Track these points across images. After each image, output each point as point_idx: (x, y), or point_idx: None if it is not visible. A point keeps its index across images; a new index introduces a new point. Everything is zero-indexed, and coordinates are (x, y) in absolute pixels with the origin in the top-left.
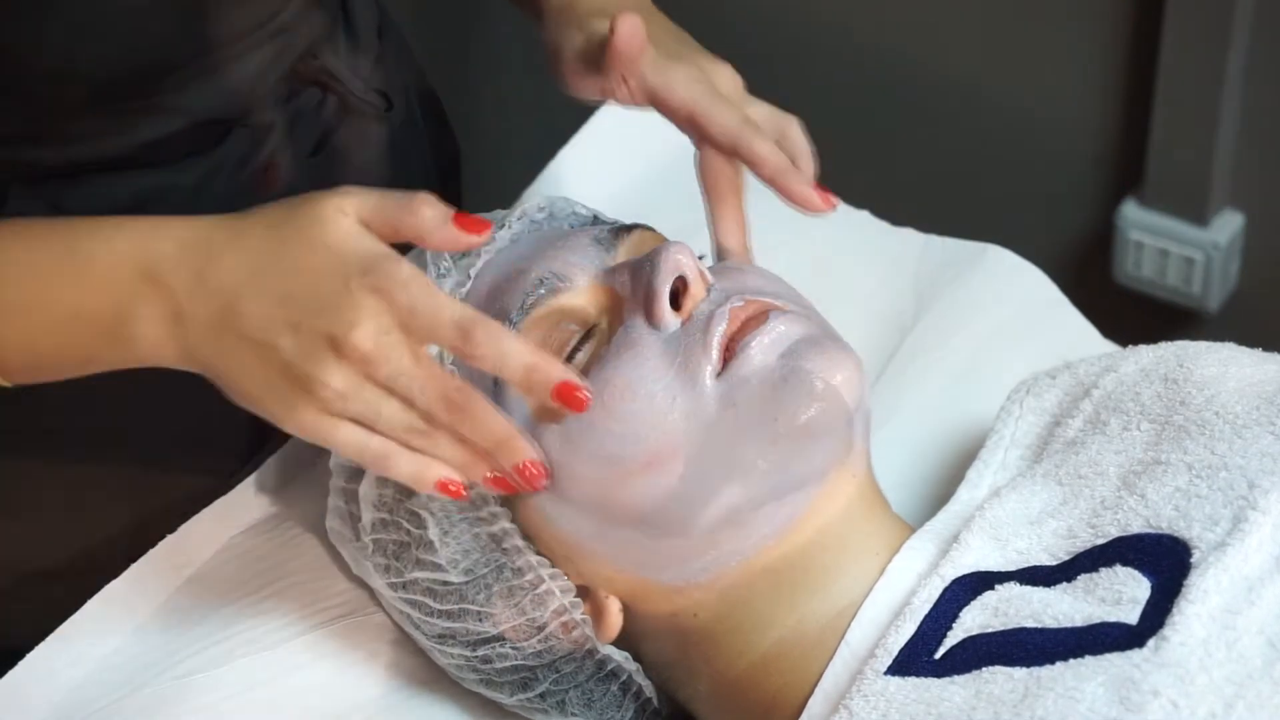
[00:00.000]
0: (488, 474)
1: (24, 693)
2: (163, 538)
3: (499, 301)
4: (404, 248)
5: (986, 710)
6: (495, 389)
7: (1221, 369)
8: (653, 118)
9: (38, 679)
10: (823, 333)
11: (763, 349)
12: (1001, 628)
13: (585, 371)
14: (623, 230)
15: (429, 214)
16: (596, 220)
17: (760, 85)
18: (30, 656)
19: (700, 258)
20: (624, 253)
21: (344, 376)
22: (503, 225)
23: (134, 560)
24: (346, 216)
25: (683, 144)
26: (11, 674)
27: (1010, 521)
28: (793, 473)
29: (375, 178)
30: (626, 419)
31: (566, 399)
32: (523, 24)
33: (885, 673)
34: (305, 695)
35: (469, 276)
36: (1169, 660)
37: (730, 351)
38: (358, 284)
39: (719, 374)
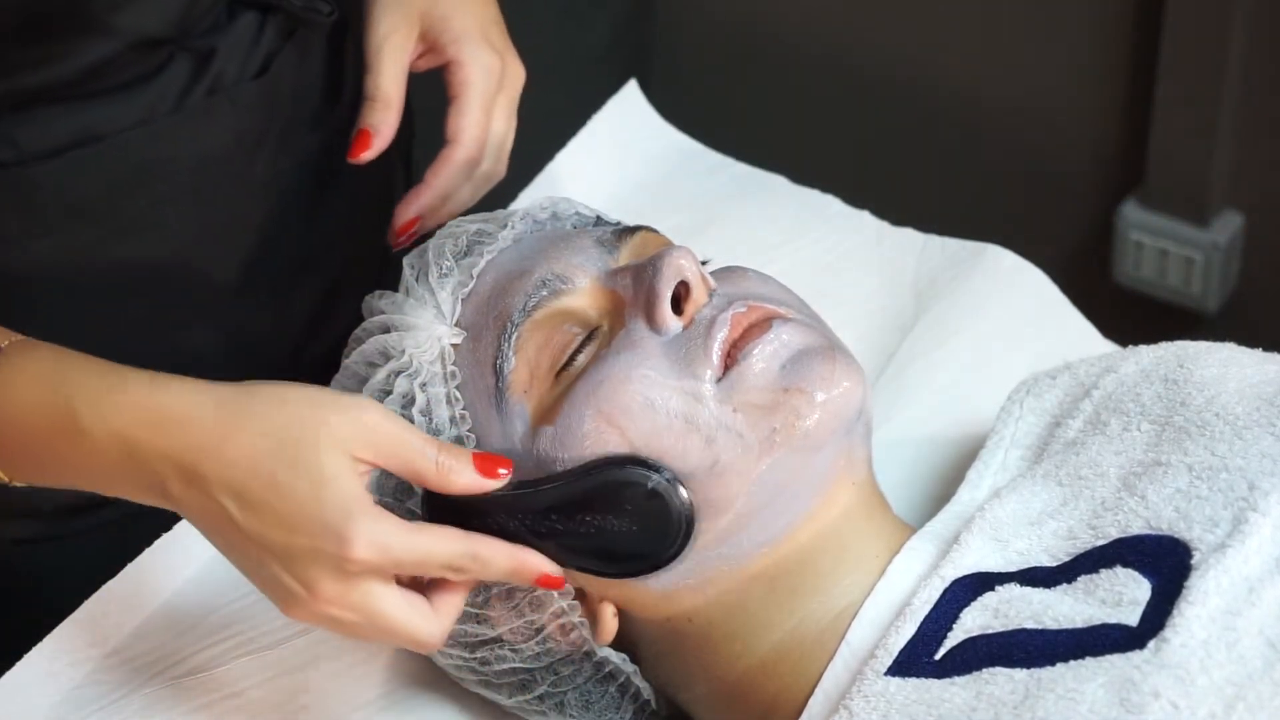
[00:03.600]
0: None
1: (24, 693)
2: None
3: (501, 302)
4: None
5: (987, 711)
6: (497, 393)
7: (1222, 370)
8: (652, 119)
9: (38, 679)
10: (826, 342)
11: (764, 357)
12: (1002, 629)
13: (586, 374)
14: (626, 231)
15: (445, 461)
16: (599, 221)
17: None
18: (30, 656)
19: (703, 263)
20: (627, 254)
21: (309, 616)
22: (505, 225)
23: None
24: (347, 465)
25: (682, 145)
26: (11, 674)
27: (1010, 522)
28: (790, 483)
29: (321, 97)
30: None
31: (546, 585)
32: (521, 25)
33: (885, 673)
34: (305, 695)
35: (471, 277)
36: (1169, 662)
37: (732, 358)
38: (329, 549)
39: (719, 379)
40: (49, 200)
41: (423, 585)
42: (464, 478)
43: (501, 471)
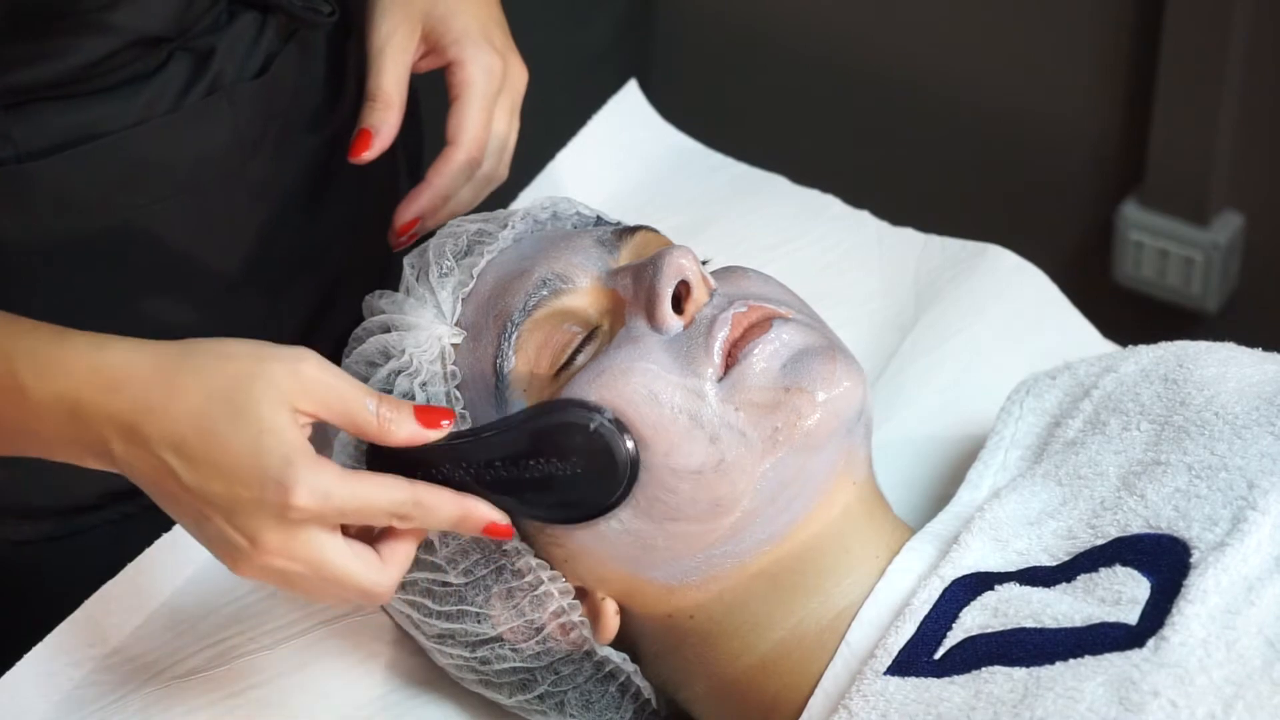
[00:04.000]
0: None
1: (24, 693)
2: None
3: (501, 302)
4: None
5: (986, 710)
6: (498, 393)
7: (1221, 369)
8: (652, 119)
9: (38, 679)
10: (826, 342)
11: (765, 357)
12: (1001, 628)
13: (585, 367)
14: (626, 231)
15: (386, 413)
16: (600, 221)
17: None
18: (30, 656)
19: (704, 262)
20: (627, 254)
21: (255, 570)
22: (506, 225)
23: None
24: (286, 415)
25: (682, 145)
26: (11, 674)
27: (1010, 522)
28: (791, 482)
29: (322, 99)
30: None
31: (494, 534)
32: (521, 25)
33: (885, 673)
34: (305, 695)
35: (472, 276)
36: (1168, 660)
37: (732, 358)
38: (270, 498)
39: (720, 379)
40: (46, 197)
41: (371, 538)
42: (404, 429)
43: (444, 423)
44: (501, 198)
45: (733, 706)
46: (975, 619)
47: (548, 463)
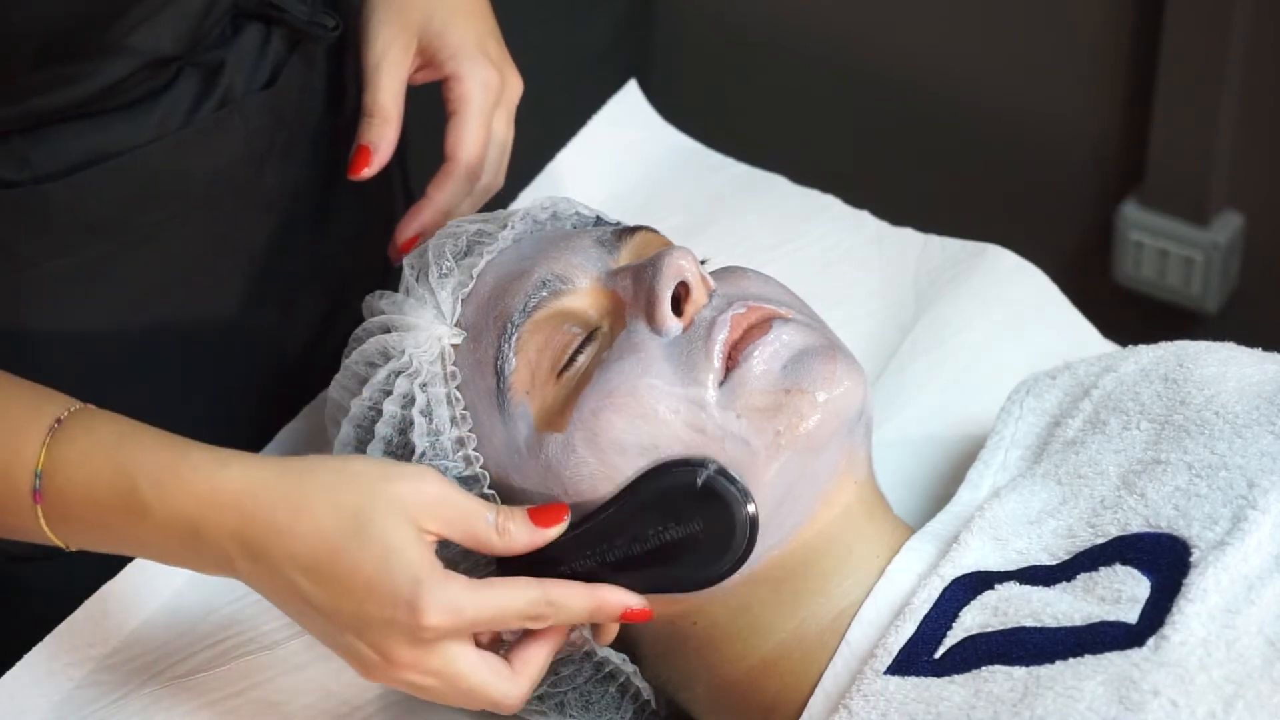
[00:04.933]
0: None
1: (24, 693)
2: None
3: (501, 302)
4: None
5: (986, 709)
6: (498, 394)
7: (1221, 369)
8: (652, 119)
9: (38, 679)
10: (826, 342)
11: (765, 359)
12: (1001, 627)
13: (587, 374)
14: (626, 232)
15: (504, 523)
16: (599, 221)
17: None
18: (30, 656)
19: (702, 262)
20: (627, 254)
21: (388, 681)
22: (505, 225)
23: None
24: (413, 534)
25: (682, 145)
26: (11, 674)
27: (1010, 521)
28: (796, 485)
29: (325, 109)
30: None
31: (633, 619)
32: (521, 25)
33: (885, 672)
34: (305, 695)
35: (471, 277)
36: (1169, 659)
37: (733, 360)
38: (402, 619)
39: (721, 384)
40: (63, 218)
41: (505, 643)
42: (523, 536)
43: (561, 520)
44: (502, 198)
45: (733, 707)
46: (975, 618)
47: (665, 529)
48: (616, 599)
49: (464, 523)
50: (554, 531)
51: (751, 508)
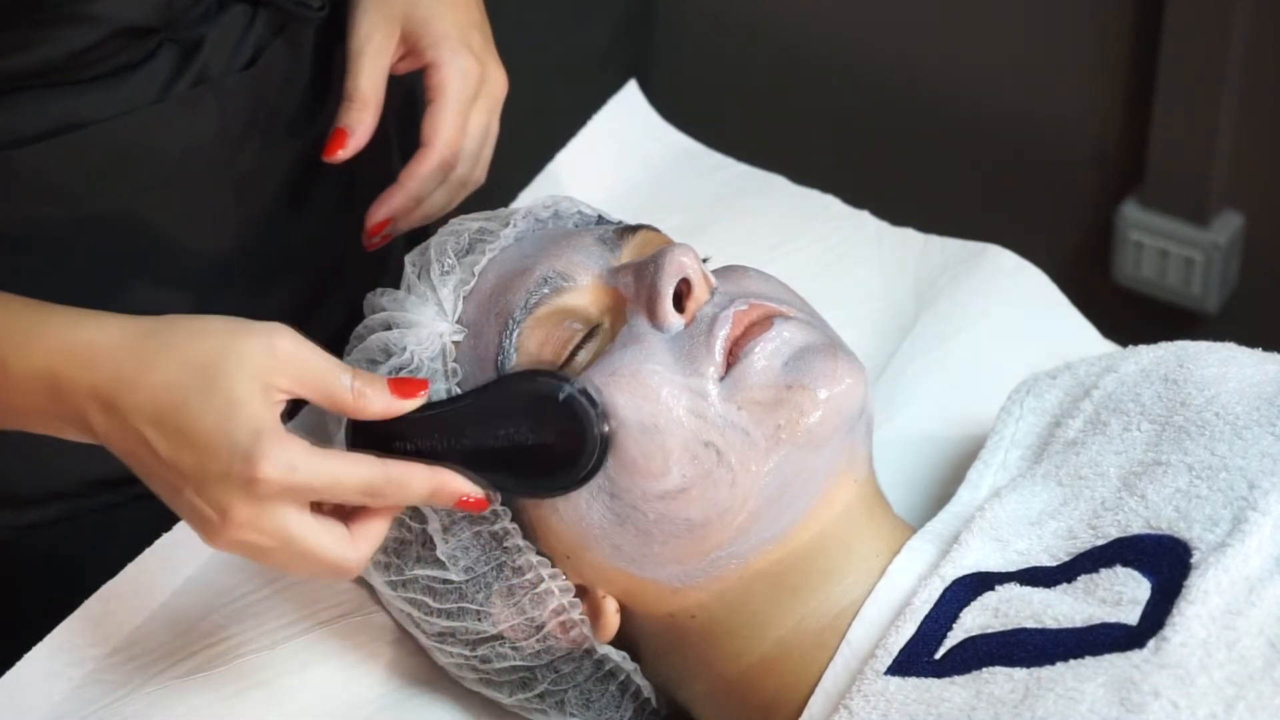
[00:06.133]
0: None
1: (24, 693)
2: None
3: (502, 299)
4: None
5: (986, 710)
6: (498, 367)
7: (1221, 369)
8: (652, 119)
9: (38, 679)
10: (828, 340)
11: (766, 355)
12: (1002, 628)
13: (592, 367)
14: (627, 230)
15: (360, 386)
16: (601, 220)
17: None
18: (30, 656)
19: (704, 260)
20: (628, 253)
21: (227, 544)
22: (507, 223)
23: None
24: (259, 390)
25: (682, 145)
26: (11, 674)
27: (1010, 522)
28: (795, 480)
29: (309, 96)
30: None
31: (468, 507)
32: (521, 25)
33: (885, 673)
34: (305, 695)
35: (473, 274)
36: (1169, 661)
37: (734, 355)
38: (238, 471)
39: (722, 377)
40: (27, 185)
41: (346, 516)
42: (379, 401)
43: (420, 393)
44: (502, 197)
45: (732, 706)
46: (976, 619)
47: (518, 430)
48: (456, 484)
49: (317, 380)
50: (410, 404)
51: (606, 427)
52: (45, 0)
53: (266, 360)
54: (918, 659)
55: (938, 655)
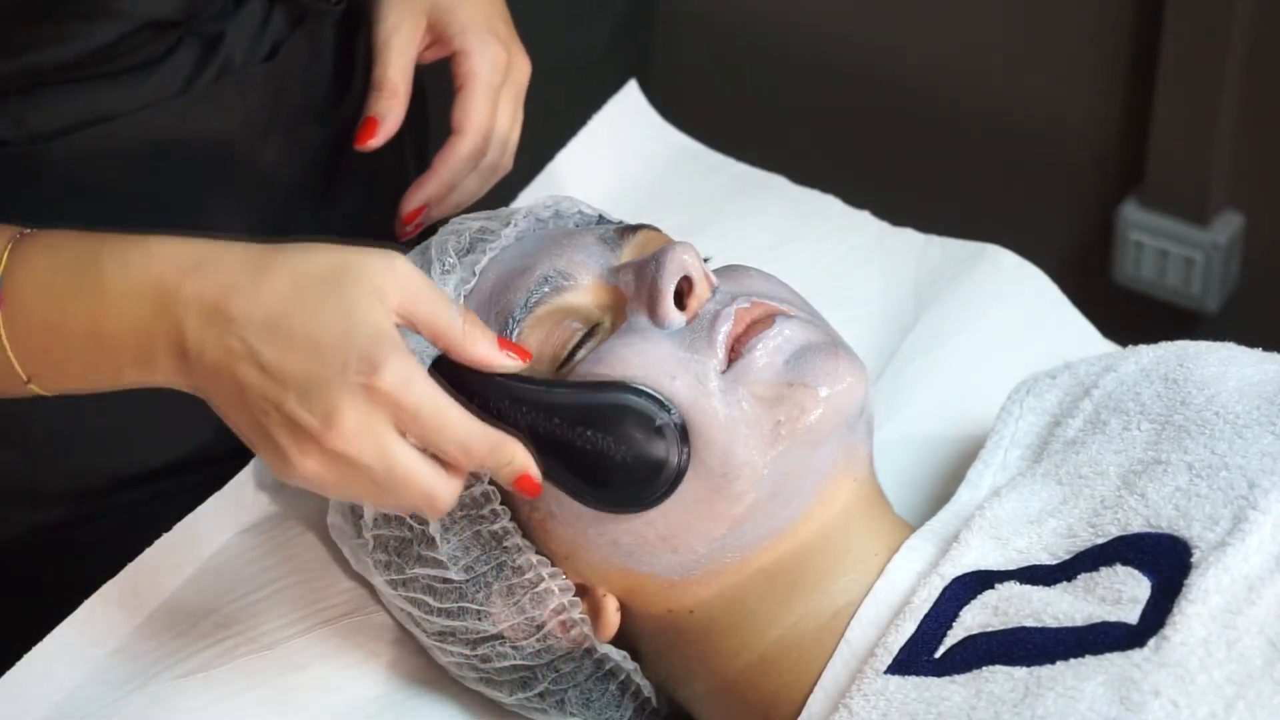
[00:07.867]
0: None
1: (24, 693)
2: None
3: (503, 298)
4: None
5: (987, 709)
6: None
7: (1222, 369)
8: (652, 119)
9: (38, 679)
10: (829, 339)
11: (767, 352)
12: (1002, 627)
13: (591, 355)
14: (628, 230)
15: (469, 327)
16: (602, 220)
17: (761, 85)
18: (30, 656)
19: (705, 259)
20: (629, 252)
21: (319, 461)
22: (508, 223)
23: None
24: (379, 302)
25: (682, 145)
26: (11, 674)
27: (1010, 521)
28: (793, 477)
29: (331, 88)
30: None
31: (522, 486)
32: (521, 25)
33: (885, 672)
34: (305, 695)
35: (474, 273)
36: (1169, 660)
37: (735, 352)
38: (354, 372)
39: (722, 373)
40: (55, 179)
41: None
42: (483, 346)
43: (524, 355)
44: (503, 197)
45: (732, 705)
46: (975, 618)
47: (602, 438)
48: (523, 459)
49: (431, 306)
50: (511, 364)
51: (682, 465)
52: None
53: (387, 276)
54: (917, 658)
55: (938, 654)
